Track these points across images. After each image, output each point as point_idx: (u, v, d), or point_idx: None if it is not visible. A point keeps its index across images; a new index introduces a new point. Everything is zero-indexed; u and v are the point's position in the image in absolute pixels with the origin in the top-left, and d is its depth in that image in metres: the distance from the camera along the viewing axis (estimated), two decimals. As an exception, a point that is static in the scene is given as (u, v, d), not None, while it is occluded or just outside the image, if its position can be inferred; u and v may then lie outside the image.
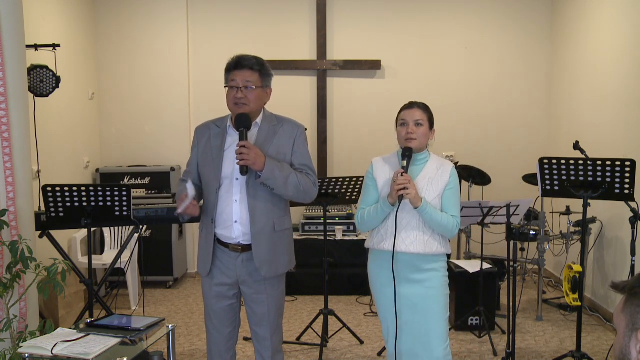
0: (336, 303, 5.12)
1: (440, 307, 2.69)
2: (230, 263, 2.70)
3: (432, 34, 6.08)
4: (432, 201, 2.65)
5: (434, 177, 2.69)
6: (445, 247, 2.72)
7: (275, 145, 2.66)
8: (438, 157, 2.79)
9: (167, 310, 5.06)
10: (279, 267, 2.72)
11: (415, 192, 2.58)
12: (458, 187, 2.74)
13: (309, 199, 2.73)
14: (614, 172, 3.24)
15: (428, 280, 2.68)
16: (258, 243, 2.63)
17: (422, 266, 2.68)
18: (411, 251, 2.66)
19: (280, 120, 2.74)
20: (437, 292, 2.68)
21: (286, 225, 2.75)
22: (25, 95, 3.20)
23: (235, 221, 2.64)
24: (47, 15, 4.98)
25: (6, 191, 3.04)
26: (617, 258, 4.61)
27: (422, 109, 2.74)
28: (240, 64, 2.61)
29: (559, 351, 4.07)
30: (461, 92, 6.13)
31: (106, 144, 6.09)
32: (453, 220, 2.65)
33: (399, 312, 2.68)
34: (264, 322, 2.72)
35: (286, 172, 2.59)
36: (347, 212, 5.71)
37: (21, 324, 3.02)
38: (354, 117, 6.14)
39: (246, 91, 2.60)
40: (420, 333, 2.68)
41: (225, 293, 2.73)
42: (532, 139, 6.13)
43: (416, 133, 2.69)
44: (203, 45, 6.03)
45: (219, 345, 2.79)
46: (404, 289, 2.68)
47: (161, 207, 3.99)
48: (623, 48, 4.62)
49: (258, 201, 2.62)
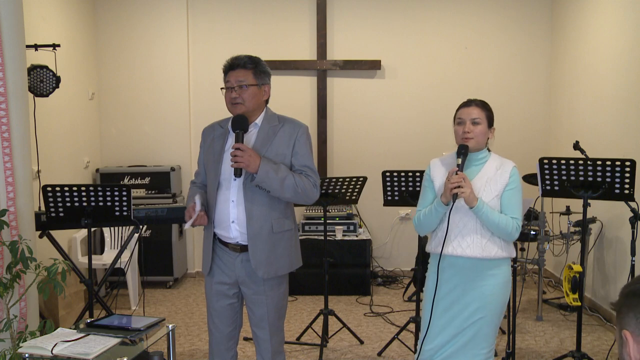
0: (336, 303, 5.12)
1: (496, 312, 2.59)
2: (230, 262, 2.70)
3: (432, 34, 6.08)
4: (490, 202, 2.53)
5: (492, 177, 2.58)
6: (507, 250, 2.59)
7: (275, 146, 2.65)
8: (500, 157, 2.68)
9: (167, 310, 5.06)
10: (278, 268, 2.69)
11: (470, 190, 2.47)
12: (519, 188, 2.60)
13: (309, 200, 2.70)
14: (614, 172, 3.24)
15: (488, 287, 2.56)
16: (255, 244, 2.63)
17: (482, 272, 2.57)
18: (468, 255, 2.55)
19: (281, 121, 2.72)
20: (495, 298, 2.57)
21: (286, 227, 2.72)
22: (25, 95, 3.20)
23: (232, 221, 2.65)
24: (47, 15, 4.98)
25: (6, 191, 3.04)
26: (617, 258, 4.61)
27: (480, 106, 2.64)
28: (233, 65, 2.63)
29: (559, 351, 4.08)
30: (461, 92, 6.08)
31: (106, 144, 6.09)
32: (513, 222, 2.52)
33: (452, 319, 2.60)
34: (264, 324, 2.72)
35: (282, 174, 2.57)
36: (347, 212, 5.71)
37: (21, 324, 3.02)
38: (354, 117, 6.14)
39: (240, 90, 2.61)
40: (470, 339, 2.59)
41: (225, 292, 2.73)
42: (532, 139, 6.13)
43: (473, 132, 2.60)
44: (203, 45, 6.03)
45: (220, 345, 2.79)
46: (460, 294, 2.59)
47: (161, 207, 3.99)
48: (623, 48, 4.62)
49: (255, 202, 2.61)
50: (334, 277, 4.98)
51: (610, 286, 4.74)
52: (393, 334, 4.23)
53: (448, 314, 2.63)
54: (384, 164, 4.84)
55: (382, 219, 6.07)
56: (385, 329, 4.59)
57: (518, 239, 4.63)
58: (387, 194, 3.89)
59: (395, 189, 3.85)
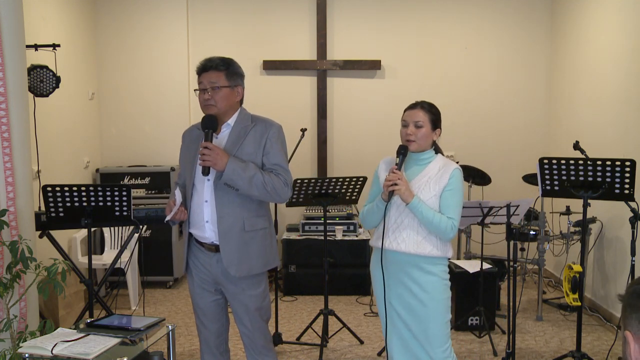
0: (336, 303, 5.12)
1: (437, 310, 2.64)
2: (206, 262, 2.73)
3: (432, 34, 6.09)
4: (428, 200, 2.59)
5: (433, 177, 2.65)
6: (441, 250, 2.64)
7: (245, 146, 2.66)
8: (446, 159, 2.74)
9: (167, 310, 5.06)
10: (252, 267, 2.69)
11: (404, 188, 2.56)
12: (459, 189, 2.65)
13: (279, 199, 2.70)
14: (614, 172, 3.24)
15: (424, 284, 2.62)
16: (225, 243, 2.64)
17: (416, 267, 2.63)
18: (402, 250, 2.63)
19: (254, 121, 2.74)
20: (432, 295, 2.62)
21: (259, 226, 2.72)
22: (25, 95, 3.20)
23: (206, 221, 2.67)
24: (47, 15, 4.98)
25: (6, 191, 3.04)
26: (617, 258, 4.61)
27: (425, 109, 2.70)
28: (205, 67, 2.66)
29: (559, 351, 4.07)
30: (461, 92, 6.13)
31: (106, 144, 6.09)
32: (448, 222, 2.57)
33: (396, 312, 2.68)
34: (245, 322, 2.75)
35: (250, 172, 2.57)
36: (347, 212, 5.71)
37: (21, 324, 3.02)
38: (354, 117, 6.14)
39: (212, 92, 2.63)
40: (418, 334, 2.66)
41: (207, 288, 2.77)
42: (532, 138, 6.13)
43: (415, 135, 2.66)
44: (203, 46, 6.03)
45: (209, 342, 2.84)
46: (399, 289, 2.67)
47: (161, 207, 3.97)
48: (623, 48, 4.62)
49: (225, 202, 2.63)
50: (334, 277, 4.98)
51: (610, 286, 4.74)
52: (393, 334, 4.23)
53: (392, 309, 2.69)
54: (384, 164, 4.82)
55: (382, 219, 6.06)
56: (385, 329, 4.58)
57: (518, 238, 4.66)
58: (387, 194, 3.88)
59: (395, 189, 3.84)
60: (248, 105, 2.82)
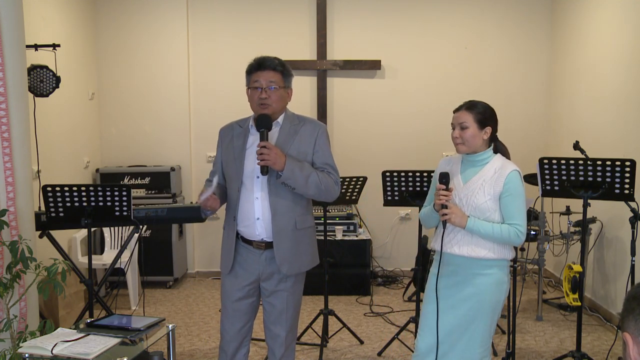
0: (336, 303, 5.12)
1: (484, 311, 2.59)
2: (253, 260, 2.73)
3: (432, 34, 6.08)
4: (483, 204, 2.55)
5: (488, 180, 2.59)
6: (497, 252, 2.58)
7: (296, 145, 2.69)
8: (505, 160, 2.66)
9: (167, 310, 5.06)
10: (301, 265, 2.75)
11: (454, 216, 2.52)
12: (518, 193, 2.56)
13: (330, 197, 2.74)
14: (614, 172, 3.24)
15: (477, 284, 2.58)
16: (279, 240, 2.67)
17: (474, 271, 2.59)
18: (457, 253, 2.60)
19: (301, 120, 2.77)
20: (482, 297, 2.58)
21: (308, 224, 2.77)
22: (25, 95, 3.20)
23: (257, 218, 2.68)
24: (47, 15, 4.98)
25: (6, 191, 3.04)
26: (617, 258, 4.61)
27: (468, 109, 2.65)
28: (263, 65, 2.65)
29: (559, 351, 4.08)
30: (461, 92, 6.09)
31: (106, 144, 6.09)
32: (511, 229, 2.52)
33: (446, 306, 2.62)
34: (282, 319, 2.75)
35: (307, 172, 2.61)
36: (347, 212, 5.71)
37: (21, 324, 3.02)
38: (354, 117, 6.14)
39: (270, 92, 2.64)
40: (463, 332, 2.61)
41: (246, 291, 2.76)
42: (532, 138, 6.13)
43: (462, 137, 2.63)
44: (203, 45, 6.03)
45: (233, 342, 2.80)
46: (451, 289, 2.63)
47: (161, 207, 3.98)
48: (623, 48, 4.62)
49: (279, 199, 2.65)
50: (334, 277, 4.97)
51: (610, 286, 4.74)
52: (393, 334, 4.23)
53: (443, 311, 2.64)
54: (384, 163, 4.83)
55: (382, 219, 6.07)
56: (385, 329, 4.59)
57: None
58: (387, 194, 3.89)
59: (395, 189, 3.85)
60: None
